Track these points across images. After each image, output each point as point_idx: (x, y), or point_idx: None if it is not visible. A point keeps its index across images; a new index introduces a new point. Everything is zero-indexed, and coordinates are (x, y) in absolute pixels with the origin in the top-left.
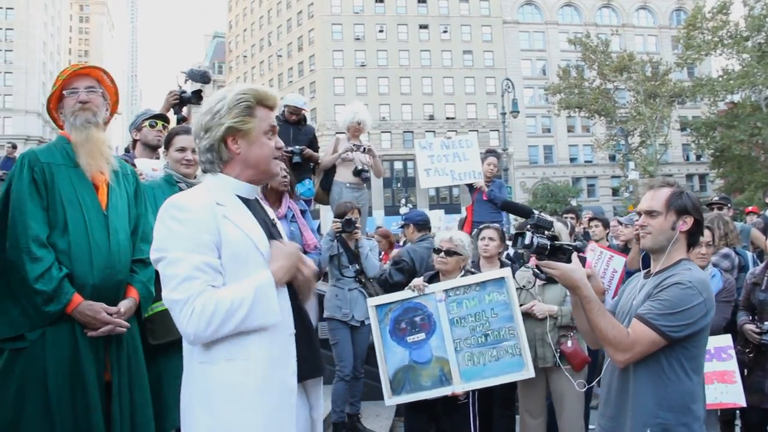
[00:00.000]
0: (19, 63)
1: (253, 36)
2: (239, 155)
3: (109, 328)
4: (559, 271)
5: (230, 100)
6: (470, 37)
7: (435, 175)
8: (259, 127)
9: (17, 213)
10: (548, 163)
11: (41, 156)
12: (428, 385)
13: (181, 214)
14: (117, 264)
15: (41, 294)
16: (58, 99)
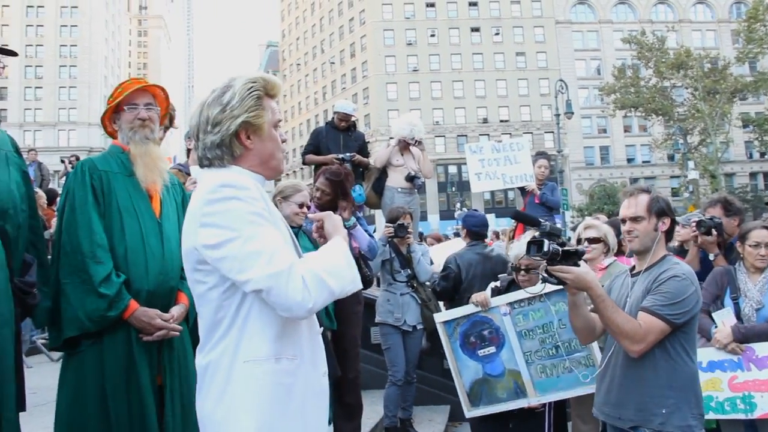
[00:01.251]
0: (83, 78)
1: (306, 44)
2: (251, 150)
3: (163, 332)
4: (573, 274)
5: (240, 91)
6: (522, 38)
7: (486, 179)
8: (270, 120)
9: (81, 218)
10: (605, 164)
11: (98, 164)
12: (504, 397)
13: (239, 192)
14: (170, 270)
15: (105, 298)
16: (114, 110)
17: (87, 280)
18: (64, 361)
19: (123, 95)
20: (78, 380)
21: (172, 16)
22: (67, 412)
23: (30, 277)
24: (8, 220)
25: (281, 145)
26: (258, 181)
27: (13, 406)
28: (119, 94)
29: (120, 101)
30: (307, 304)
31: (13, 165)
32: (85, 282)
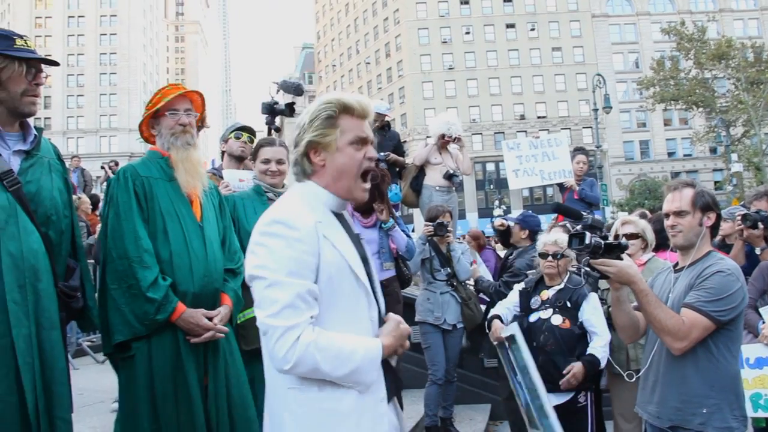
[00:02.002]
0: (122, 84)
1: (341, 45)
2: (323, 168)
3: (210, 334)
4: (615, 268)
5: (312, 112)
6: (559, 33)
7: (524, 175)
8: (342, 138)
9: (126, 224)
10: (645, 159)
11: (140, 170)
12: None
13: (288, 231)
14: (213, 272)
15: (153, 302)
16: (153, 116)
17: (134, 285)
18: (119, 363)
19: (163, 101)
20: (129, 383)
21: (208, 22)
22: (121, 414)
23: (73, 282)
24: (51, 226)
25: (361, 162)
26: (334, 204)
27: (67, 407)
28: (159, 100)
29: (161, 107)
30: (283, 366)
31: (55, 172)
32: (132, 287)
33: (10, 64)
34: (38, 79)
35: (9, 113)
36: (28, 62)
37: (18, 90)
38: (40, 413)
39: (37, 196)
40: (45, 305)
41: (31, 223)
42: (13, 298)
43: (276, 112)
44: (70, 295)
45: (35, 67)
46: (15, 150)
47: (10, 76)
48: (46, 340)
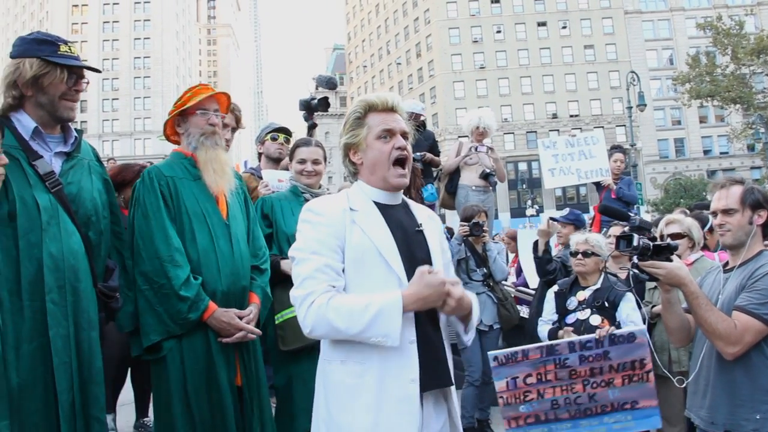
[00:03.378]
0: (156, 88)
1: (371, 46)
2: (362, 165)
3: (242, 334)
4: (665, 270)
5: (346, 116)
6: (591, 30)
7: (560, 174)
8: (370, 134)
9: (154, 224)
10: (680, 157)
11: (164, 170)
12: None
13: (314, 217)
14: (241, 270)
15: (186, 300)
16: (181, 114)
17: (165, 285)
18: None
19: (194, 100)
20: (161, 383)
21: (239, 24)
22: (156, 414)
23: (113, 282)
24: (91, 227)
25: (389, 152)
26: (380, 197)
27: (102, 406)
28: (189, 99)
29: (192, 105)
30: (305, 330)
31: (95, 173)
32: (164, 287)
33: (53, 70)
34: (79, 85)
35: (49, 117)
36: (69, 69)
37: (57, 94)
38: (76, 412)
39: (78, 197)
40: (84, 306)
41: (72, 224)
42: (52, 299)
43: (312, 109)
44: (109, 296)
45: (77, 74)
46: (56, 152)
47: (52, 82)
48: (84, 340)
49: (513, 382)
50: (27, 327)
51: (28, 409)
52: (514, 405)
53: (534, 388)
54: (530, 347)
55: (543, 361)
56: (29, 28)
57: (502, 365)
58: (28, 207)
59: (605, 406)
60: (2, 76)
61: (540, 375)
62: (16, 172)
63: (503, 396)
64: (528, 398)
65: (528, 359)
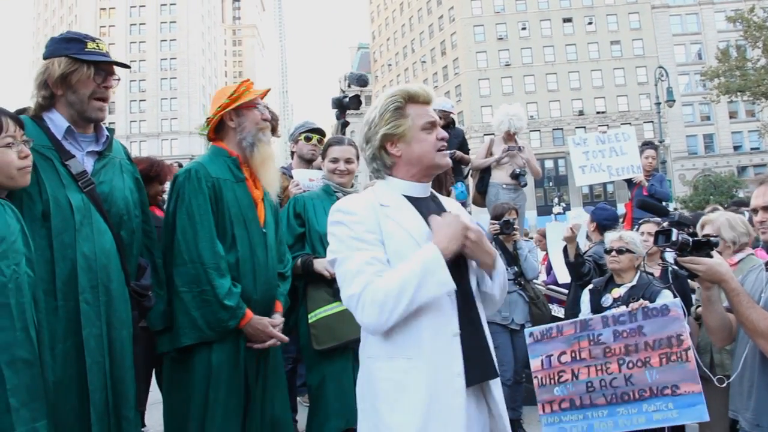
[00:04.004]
0: (182, 89)
1: (396, 44)
2: (401, 157)
3: (273, 341)
4: (705, 266)
5: (381, 107)
6: (617, 26)
7: (591, 171)
8: (414, 125)
9: (200, 227)
10: (709, 153)
11: (210, 170)
12: None
13: (346, 217)
14: (272, 279)
15: (228, 310)
16: (232, 110)
17: (208, 291)
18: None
19: (249, 95)
20: (182, 385)
21: (264, 25)
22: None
23: (145, 281)
24: (123, 226)
25: (438, 143)
26: (411, 190)
27: (132, 405)
28: (243, 93)
29: (250, 100)
30: (375, 324)
31: (126, 172)
32: (205, 293)
33: (80, 67)
34: (108, 82)
35: (79, 116)
36: (97, 65)
37: (86, 92)
38: (109, 412)
39: (110, 197)
40: (116, 305)
41: (105, 224)
42: (85, 299)
43: (344, 107)
44: (141, 294)
45: (105, 70)
46: (88, 151)
47: (80, 79)
48: (116, 339)
49: (548, 360)
50: (61, 327)
51: (62, 409)
52: (548, 386)
53: (568, 367)
54: (564, 323)
55: (577, 337)
56: (59, 32)
57: (537, 341)
58: (61, 207)
59: (643, 391)
60: (33, 77)
61: (574, 353)
62: (49, 172)
63: (538, 376)
64: (562, 379)
65: (562, 335)
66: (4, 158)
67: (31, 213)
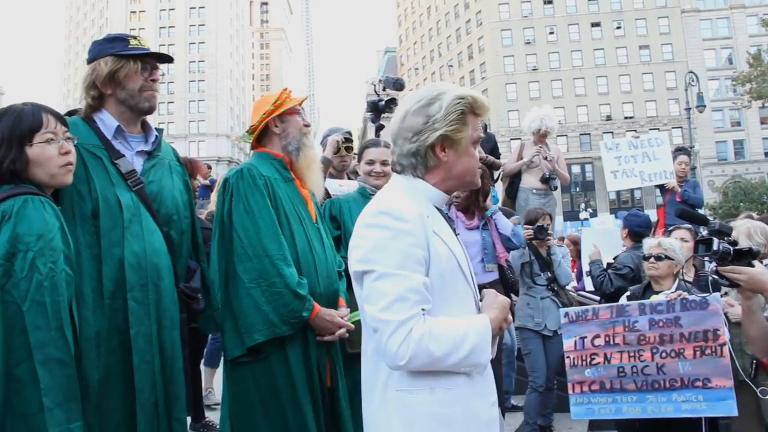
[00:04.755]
0: (210, 91)
1: (423, 48)
2: (446, 163)
3: (342, 331)
4: (747, 275)
5: (447, 105)
6: (646, 30)
7: (623, 177)
8: (470, 137)
9: (262, 221)
10: (739, 159)
11: (262, 170)
12: None
13: (395, 223)
14: (333, 273)
15: (302, 299)
16: (276, 116)
17: (277, 283)
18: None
19: (292, 101)
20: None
21: (292, 28)
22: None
23: (194, 283)
24: (173, 226)
25: (478, 162)
26: (438, 199)
27: (184, 407)
28: (285, 100)
29: (292, 106)
30: (398, 362)
31: (176, 173)
32: (274, 285)
33: (126, 63)
34: (154, 75)
35: (130, 112)
36: (143, 60)
37: (135, 87)
38: (160, 413)
39: (159, 196)
40: (166, 305)
41: (154, 223)
42: (134, 297)
43: (380, 110)
44: (191, 297)
45: (150, 64)
46: (138, 151)
47: (127, 75)
48: (167, 340)
49: (581, 341)
50: (107, 325)
51: (107, 407)
52: (580, 367)
53: (601, 351)
54: (601, 306)
55: (612, 322)
56: (90, 35)
57: (572, 322)
58: (110, 205)
59: (674, 381)
60: (81, 80)
61: (608, 337)
62: (99, 171)
63: (570, 356)
64: (594, 362)
65: (598, 318)
66: (44, 153)
67: (81, 211)
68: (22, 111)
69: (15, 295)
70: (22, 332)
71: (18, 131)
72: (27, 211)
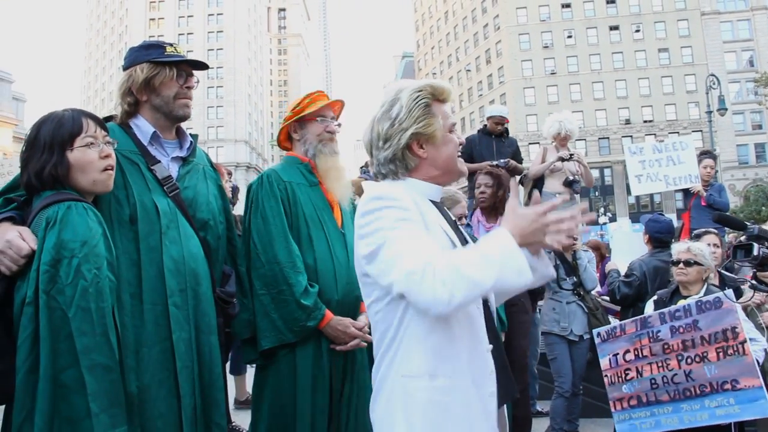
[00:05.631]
0: (228, 97)
1: (440, 53)
2: (426, 159)
3: (356, 342)
4: None
5: (407, 102)
6: (665, 33)
7: (647, 181)
8: (443, 126)
9: (274, 228)
10: (761, 163)
11: (282, 175)
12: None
13: (391, 201)
14: (355, 280)
15: (305, 309)
16: (297, 120)
17: (285, 291)
18: (262, 370)
19: (313, 107)
20: (277, 387)
21: (309, 34)
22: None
23: (230, 288)
24: (209, 231)
25: (458, 147)
26: (433, 193)
27: (223, 412)
28: (308, 105)
29: (311, 112)
30: (442, 298)
31: (210, 179)
32: (283, 292)
33: (162, 70)
34: (189, 82)
35: (165, 118)
36: (178, 67)
37: (170, 94)
38: (197, 418)
39: (194, 202)
40: (204, 310)
41: (191, 228)
42: (174, 302)
43: None
44: (227, 301)
45: (185, 72)
46: (173, 157)
47: (163, 81)
48: (205, 344)
49: (615, 359)
50: (147, 331)
51: (150, 414)
52: (617, 384)
53: (633, 365)
54: (626, 321)
55: (638, 335)
56: (110, 43)
57: (605, 341)
58: (147, 211)
59: (704, 386)
60: (117, 86)
61: (637, 351)
62: (136, 177)
63: (607, 374)
64: (629, 377)
65: (625, 333)
66: (84, 157)
67: (119, 216)
68: (62, 116)
69: (60, 301)
70: (67, 338)
71: (59, 137)
72: (71, 218)
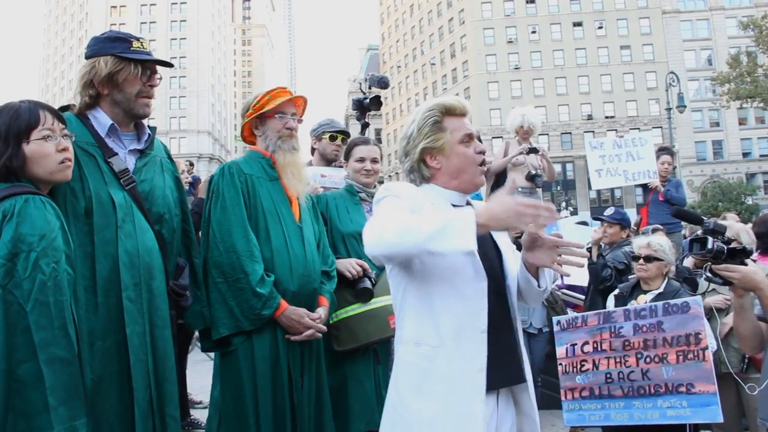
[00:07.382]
0: (191, 87)
1: (405, 46)
2: (440, 169)
3: (310, 332)
4: (740, 273)
5: (419, 121)
6: (627, 31)
7: (607, 175)
8: (452, 139)
9: (234, 218)
10: (718, 159)
11: (244, 167)
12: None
13: (391, 192)
14: (312, 273)
15: (261, 297)
16: (259, 117)
17: (242, 279)
18: (220, 359)
19: (272, 103)
20: (235, 376)
21: (274, 25)
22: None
23: (183, 280)
24: (164, 225)
25: (474, 157)
26: (454, 198)
27: (177, 404)
28: (267, 102)
29: (270, 109)
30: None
31: (167, 171)
32: (240, 281)
33: (126, 66)
34: (152, 80)
35: (125, 114)
36: (143, 64)
37: (133, 91)
38: (153, 411)
39: (150, 195)
40: (158, 303)
41: (146, 222)
42: (128, 296)
43: (365, 108)
44: (180, 294)
45: (150, 69)
46: (130, 149)
47: (126, 78)
48: (158, 338)
49: (572, 348)
50: (101, 324)
51: (102, 407)
52: (571, 374)
53: (590, 357)
54: (589, 313)
55: (599, 329)
56: (69, 30)
57: (564, 330)
58: (103, 204)
59: (659, 386)
60: (78, 76)
61: (596, 343)
62: (92, 169)
63: (562, 363)
64: (584, 368)
65: (586, 325)
66: (41, 150)
67: (74, 209)
68: (19, 108)
69: (17, 295)
70: (24, 332)
71: (15, 128)
72: (29, 211)
